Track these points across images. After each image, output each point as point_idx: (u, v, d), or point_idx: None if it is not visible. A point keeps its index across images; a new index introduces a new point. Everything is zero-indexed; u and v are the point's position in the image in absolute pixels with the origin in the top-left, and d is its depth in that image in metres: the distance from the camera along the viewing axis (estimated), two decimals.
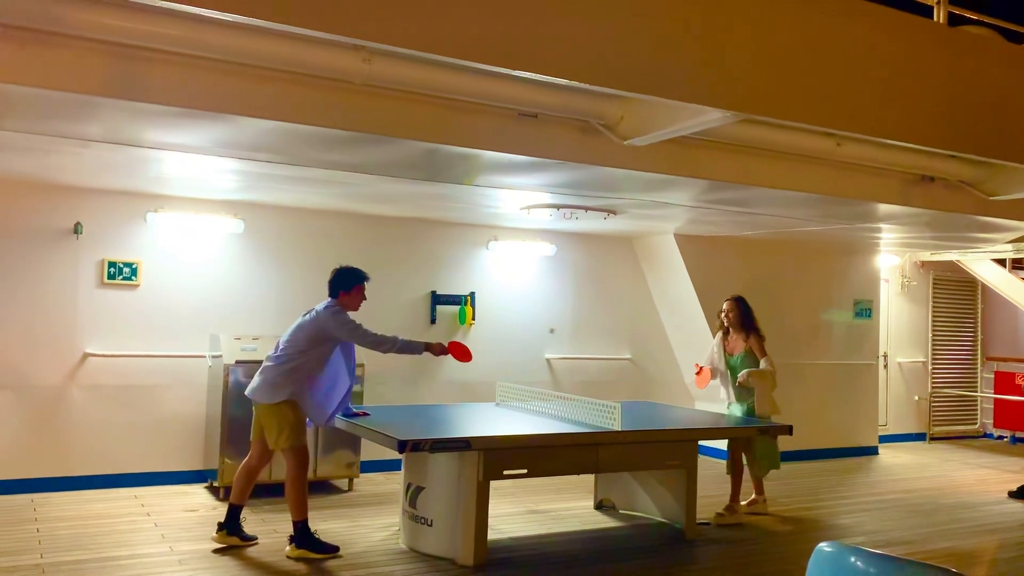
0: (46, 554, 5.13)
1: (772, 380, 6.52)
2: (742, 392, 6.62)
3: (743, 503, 6.65)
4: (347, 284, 5.43)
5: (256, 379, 5.38)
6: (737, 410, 6.66)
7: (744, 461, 6.66)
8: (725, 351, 6.77)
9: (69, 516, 6.01)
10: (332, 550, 5.30)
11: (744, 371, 6.54)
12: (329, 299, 5.44)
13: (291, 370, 5.26)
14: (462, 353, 5.74)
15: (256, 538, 5.52)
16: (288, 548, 5.29)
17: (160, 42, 3.75)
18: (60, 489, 6.67)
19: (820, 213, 7.05)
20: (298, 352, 5.27)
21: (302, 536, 5.27)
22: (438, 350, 5.61)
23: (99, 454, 6.86)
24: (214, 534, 5.44)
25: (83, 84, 3.78)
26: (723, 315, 6.77)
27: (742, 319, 6.68)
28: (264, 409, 5.31)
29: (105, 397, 6.92)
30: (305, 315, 5.46)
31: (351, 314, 5.43)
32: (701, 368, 6.79)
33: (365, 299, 5.54)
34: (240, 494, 5.44)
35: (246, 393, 5.44)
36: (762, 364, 6.55)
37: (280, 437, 5.25)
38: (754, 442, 6.54)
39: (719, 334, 6.86)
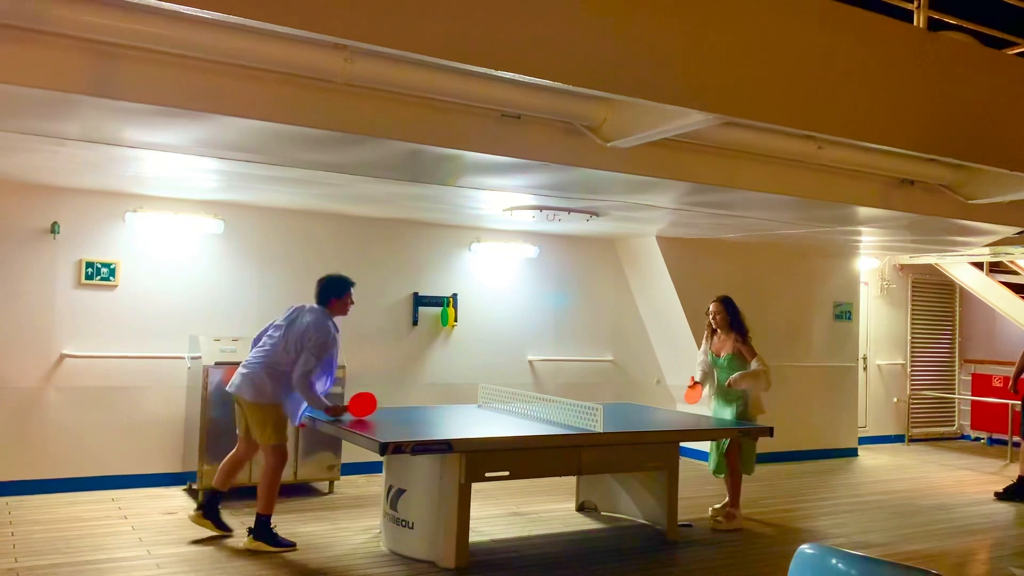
0: (21, 558, 5.06)
1: (765, 380, 6.41)
2: (729, 394, 6.50)
3: (717, 506, 6.59)
4: (340, 291, 5.57)
5: (240, 375, 5.45)
6: (726, 413, 6.52)
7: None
8: (712, 351, 6.66)
9: (45, 519, 5.94)
10: (288, 545, 5.40)
11: (736, 374, 6.41)
12: (318, 306, 5.52)
13: (281, 374, 5.36)
14: (362, 408, 5.54)
15: (232, 530, 5.60)
16: (246, 539, 5.39)
17: (139, 39, 3.70)
18: (36, 492, 6.58)
19: (801, 216, 7.08)
20: (287, 358, 5.33)
21: (262, 529, 5.37)
22: (337, 412, 5.45)
23: (76, 456, 6.78)
24: (191, 512, 5.62)
25: (61, 81, 3.73)
26: (710, 316, 6.67)
27: (730, 319, 6.59)
28: (249, 406, 5.42)
29: (82, 399, 6.84)
30: (291, 312, 5.51)
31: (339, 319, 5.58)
32: (696, 383, 6.60)
33: (353, 303, 5.67)
34: (222, 482, 5.58)
35: (229, 389, 5.53)
36: (753, 364, 6.42)
37: (265, 432, 5.39)
38: (743, 445, 6.47)
39: (705, 338, 6.75)
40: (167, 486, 7.00)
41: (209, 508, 5.57)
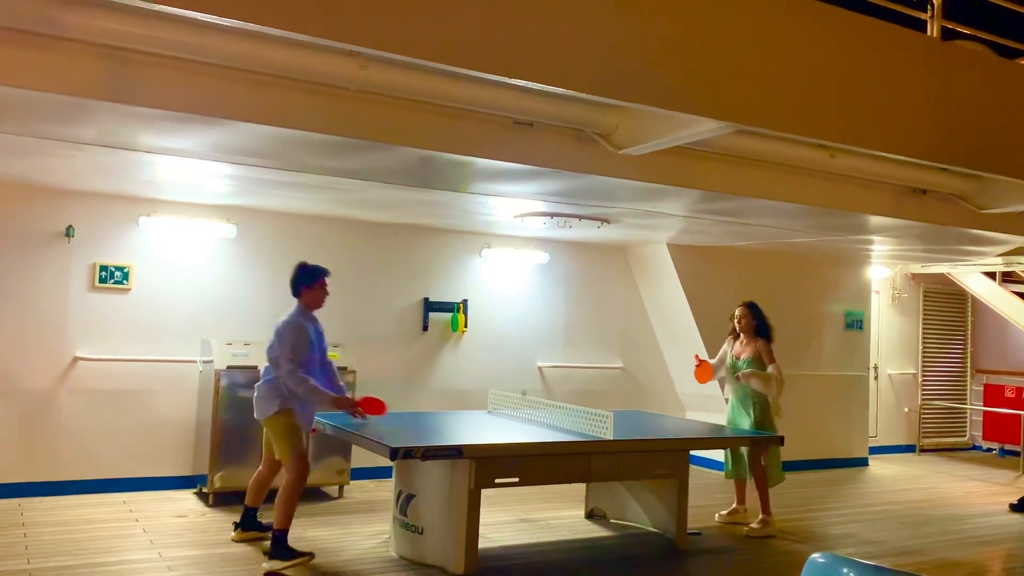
0: (33, 560, 5.09)
1: (776, 385, 6.47)
2: (747, 400, 6.54)
3: (724, 512, 6.66)
4: (310, 279, 5.45)
5: (254, 398, 5.49)
6: (744, 421, 6.56)
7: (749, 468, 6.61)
8: (733, 355, 6.72)
9: (57, 521, 5.97)
10: (306, 556, 5.23)
11: (748, 370, 6.48)
12: (294, 298, 5.48)
13: (276, 382, 5.33)
14: (374, 407, 5.66)
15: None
16: (266, 562, 5.19)
17: (155, 46, 3.75)
18: (48, 494, 6.62)
19: (812, 224, 7.07)
20: (276, 366, 5.32)
21: (278, 547, 5.18)
22: (345, 404, 5.53)
23: (88, 459, 6.82)
24: (232, 533, 5.64)
25: (77, 87, 3.76)
26: (735, 320, 6.73)
27: (755, 325, 6.66)
28: (264, 424, 5.46)
29: (95, 402, 6.87)
30: (276, 325, 5.46)
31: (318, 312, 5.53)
32: (702, 361, 6.74)
33: (328, 294, 5.54)
34: (252, 498, 5.66)
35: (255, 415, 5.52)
36: (769, 370, 6.49)
37: (281, 447, 5.33)
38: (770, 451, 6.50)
39: (728, 341, 6.83)
40: (178, 489, 7.02)
41: (247, 522, 5.64)
